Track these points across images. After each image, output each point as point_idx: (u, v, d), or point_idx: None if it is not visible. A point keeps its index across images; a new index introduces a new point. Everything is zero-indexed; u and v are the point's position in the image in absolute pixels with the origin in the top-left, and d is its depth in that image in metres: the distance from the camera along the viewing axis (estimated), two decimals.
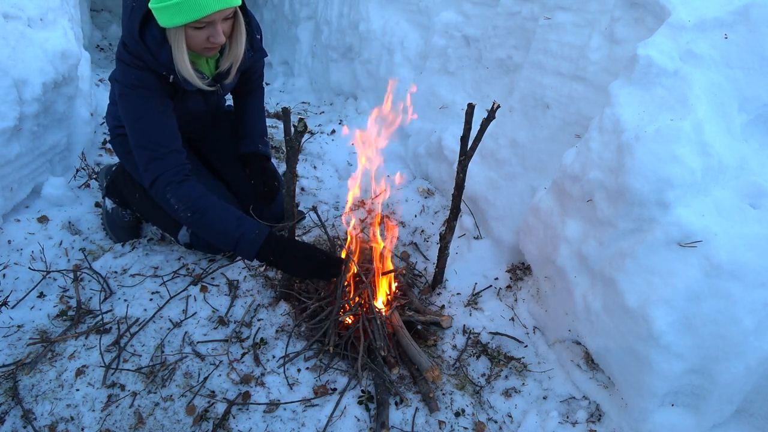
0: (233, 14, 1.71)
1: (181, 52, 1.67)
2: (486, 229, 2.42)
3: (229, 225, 1.75)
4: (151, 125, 1.79)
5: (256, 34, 1.94)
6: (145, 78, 1.75)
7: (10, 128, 2.14)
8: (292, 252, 1.79)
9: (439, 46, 2.93)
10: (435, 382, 1.78)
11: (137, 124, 1.79)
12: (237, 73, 1.97)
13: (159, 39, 1.68)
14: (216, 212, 1.77)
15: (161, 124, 1.80)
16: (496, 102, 1.71)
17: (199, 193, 1.79)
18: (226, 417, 1.65)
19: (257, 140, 2.30)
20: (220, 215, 1.77)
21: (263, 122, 2.37)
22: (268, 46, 5.17)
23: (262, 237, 1.75)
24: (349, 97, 3.90)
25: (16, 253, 2.16)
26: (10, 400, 1.65)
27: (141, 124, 1.78)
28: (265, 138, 2.33)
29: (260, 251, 1.75)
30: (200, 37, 1.66)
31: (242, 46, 1.84)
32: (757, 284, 1.41)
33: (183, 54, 1.68)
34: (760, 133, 1.71)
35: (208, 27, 1.65)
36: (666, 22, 1.72)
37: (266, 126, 2.38)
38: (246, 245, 1.74)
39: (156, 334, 1.90)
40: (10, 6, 2.30)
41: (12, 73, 2.17)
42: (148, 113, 1.78)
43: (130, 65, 1.75)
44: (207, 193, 1.81)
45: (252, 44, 1.93)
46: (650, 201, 1.51)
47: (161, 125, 1.80)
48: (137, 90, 1.76)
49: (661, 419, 1.58)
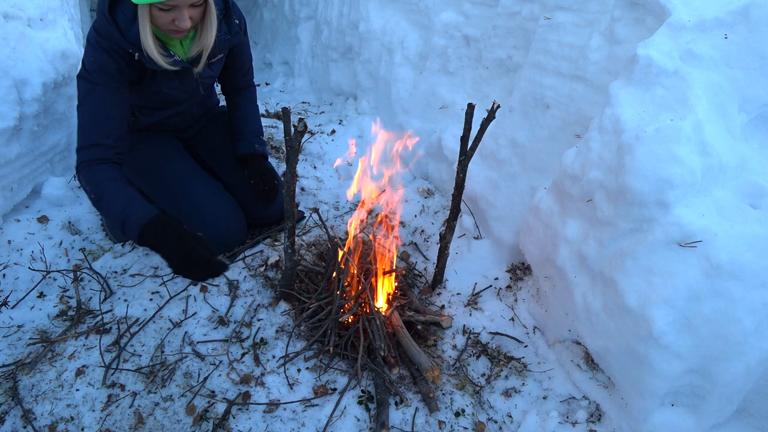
0: (203, 2, 1.74)
1: (145, 29, 1.70)
2: (486, 229, 2.42)
3: (118, 207, 1.76)
4: (96, 112, 1.82)
5: (234, 19, 1.97)
6: (105, 62, 1.78)
7: (10, 128, 2.14)
8: (168, 241, 1.71)
9: (439, 46, 2.93)
10: (435, 382, 1.78)
11: (83, 108, 1.82)
12: (219, 61, 2.03)
13: (129, 17, 1.71)
14: (111, 196, 1.79)
15: (104, 114, 1.83)
16: (496, 102, 1.71)
17: (105, 178, 1.80)
18: (226, 417, 1.65)
19: (253, 140, 2.30)
20: (113, 199, 1.78)
21: (258, 121, 2.38)
22: (268, 46, 5.17)
23: (144, 220, 1.72)
24: (349, 97, 3.90)
25: (16, 253, 2.16)
26: (10, 400, 1.65)
27: (87, 108, 1.82)
28: (260, 137, 2.34)
29: (141, 234, 1.73)
30: (165, 19, 1.70)
31: (212, 34, 1.85)
32: (757, 284, 1.40)
33: (146, 31, 1.71)
34: (760, 133, 1.71)
35: (174, 10, 1.67)
36: (666, 22, 1.72)
37: (261, 124, 2.39)
38: (130, 227, 1.74)
39: (156, 334, 1.90)
40: (10, 6, 2.30)
41: (12, 73, 2.17)
42: (96, 100, 1.81)
43: (95, 46, 1.78)
44: (115, 178, 1.82)
45: (230, 28, 1.96)
46: (650, 201, 1.51)
47: (104, 115, 1.83)
48: (93, 75, 1.79)
49: (661, 419, 1.58)
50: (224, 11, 1.91)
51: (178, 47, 1.90)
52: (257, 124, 2.37)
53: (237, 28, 2.01)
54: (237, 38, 2.05)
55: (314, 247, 2.41)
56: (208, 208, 2.17)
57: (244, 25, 2.12)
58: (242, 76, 2.31)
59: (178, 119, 2.22)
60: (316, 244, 2.44)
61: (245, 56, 2.25)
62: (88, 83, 1.80)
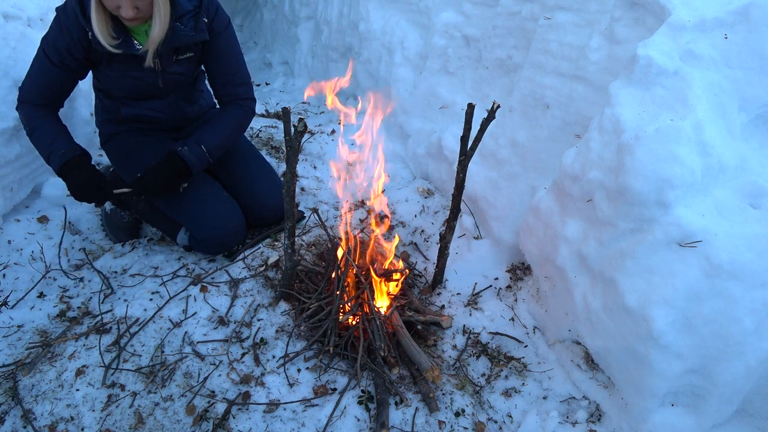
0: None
1: (95, 10, 1.77)
2: (486, 229, 2.42)
3: (47, 141, 1.96)
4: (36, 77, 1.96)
5: (203, 17, 1.99)
6: (58, 38, 1.87)
7: (10, 128, 2.14)
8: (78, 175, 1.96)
9: (439, 46, 2.93)
10: (435, 382, 1.78)
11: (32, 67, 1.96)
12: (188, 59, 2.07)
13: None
14: (42, 130, 1.98)
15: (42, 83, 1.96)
16: (496, 102, 1.71)
17: (39, 114, 1.98)
18: (226, 417, 1.65)
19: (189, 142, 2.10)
20: (44, 133, 1.98)
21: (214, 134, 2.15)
22: (268, 46, 5.17)
23: (66, 157, 1.94)
24: (349, 97, 3.90)
25: (16, 253, 2.16)
26: (10, 400, 1.65)
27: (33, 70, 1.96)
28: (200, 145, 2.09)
29: (61, 167, 1.94)
30: (110, 4, 1.75)
31: (161, 29, 1.85)
32: (757, 284, 1.40)
33: (93, 12, 1.77)
34: (760, 133, 1.71)
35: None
36: (666, 22, 1.72)
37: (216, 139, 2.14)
38: (54, 160, 1.95)
39: (156, 334, 1.90)
40: (10, 6, 2.31)
41: (12, 73, 2.17)
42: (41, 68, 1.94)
43: (55, 20, 1.88)
44: (46, 115, 2.00)
45: (196, 24, 1.97)
46: (650, 201, 1.51)
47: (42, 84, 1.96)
48: (47, 46, 1.90)
49: (661, 419, 1.58)
50: (197, 8, 1.95)
51: (142, 36, 1.94)
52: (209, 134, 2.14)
53: (203, 26, 1.99)
54: (201, 36, 1.99)
55: (314, 247, 2.41)
56: (208, 208, 2.17)
57: (222, 27, 2.06)
58: (223, 85, 2.19)
59: (162, 115, 2.21)
60: (316, 244, 2.44)
61: (224, 62, 2.13)
62: (40, 49, 1.92)
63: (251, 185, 2.35)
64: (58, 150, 1.95)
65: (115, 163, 2.28)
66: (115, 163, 2.29)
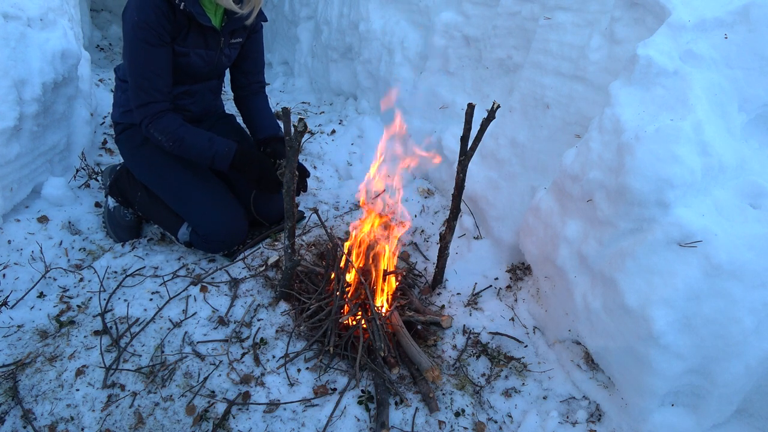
0: None
1: None
2: (486, 229, 2.42)
3: (203, 146, 2.08)
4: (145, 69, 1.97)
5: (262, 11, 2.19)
6: (149, 14, 1.88)
7: (10, 128, 2.13)
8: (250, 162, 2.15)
9: (439, 46, 2.93)
10: (435, 382, 1.78)
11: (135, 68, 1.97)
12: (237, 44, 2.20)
13: None
14: (192, 139, 2.08)
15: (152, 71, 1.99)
16: (496, 102, 1.71)
17: (176, 124, 2.07)
18: (226, 417, 1.65)
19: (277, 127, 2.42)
20: (195, 141, 2.08)
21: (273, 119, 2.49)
22: (268, 46, 5.17)
23: (231, 152, 2.12)
24: (349, 97, 3.90)
25: (16, 253, 2.16)
26: (10, 400, 1.65)
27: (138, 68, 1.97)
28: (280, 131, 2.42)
29: (232, 165, 2.13)
30: None
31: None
32: (757, 284, 1.40)
33: None
34: (760, 133, 1.71)
35: None
36: (666, 22, 1.72)
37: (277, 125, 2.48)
38: (221, 161, 2.11)
39: (156, 334, 1.90)
40: (10, 6, 2.30)
41: (12, 74, 2.17)
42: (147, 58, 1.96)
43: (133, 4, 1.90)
44: (183, 123, 2.09)
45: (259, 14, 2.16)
46: (650, 201, 1.51)
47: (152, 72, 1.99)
48: (141, 33, 1.91)
49: (661, 419, 1.58)
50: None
51: (212, 13, 2.03)
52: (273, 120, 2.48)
53: (263, 17, 2.24)
54: (261, 19, 2.23)
55: (314, 247, 2.41)
56: (210, 207, 2.18)
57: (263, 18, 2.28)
58: (256, 74, 2.42)
59: (190, 101, 2.26)
60: (316, 244, 2.44)
61: (260, 50, 2.39)
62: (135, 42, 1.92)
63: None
64: (221, 150, 2.09)
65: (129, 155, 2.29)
66: (128, 155, 2.29)
